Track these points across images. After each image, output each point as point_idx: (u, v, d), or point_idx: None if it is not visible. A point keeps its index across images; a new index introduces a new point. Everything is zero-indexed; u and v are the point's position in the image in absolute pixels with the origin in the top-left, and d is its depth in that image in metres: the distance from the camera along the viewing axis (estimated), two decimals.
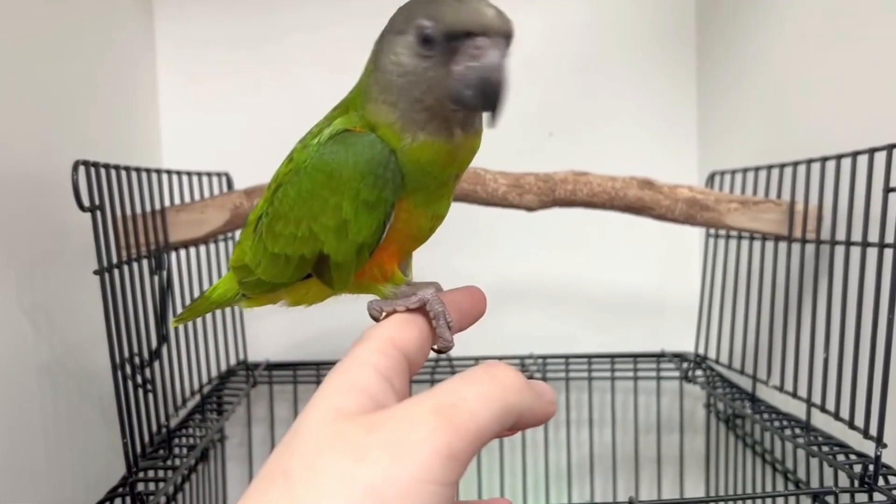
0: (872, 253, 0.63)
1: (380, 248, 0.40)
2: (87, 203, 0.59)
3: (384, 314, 0.38)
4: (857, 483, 0.60)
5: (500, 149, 0.65)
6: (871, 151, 0.64)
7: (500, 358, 1.02)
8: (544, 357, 1.03)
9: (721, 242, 0.92)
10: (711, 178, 0.93)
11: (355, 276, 0.41)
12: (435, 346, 0.39)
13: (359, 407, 0.29)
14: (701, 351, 0.98)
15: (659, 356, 1.03)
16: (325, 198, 0.39)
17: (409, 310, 0.37)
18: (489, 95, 0.36)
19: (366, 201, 0.38)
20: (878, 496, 0.59)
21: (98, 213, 0.60)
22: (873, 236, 0.63)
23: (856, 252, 0.67)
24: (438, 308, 0.37)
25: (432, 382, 0.98)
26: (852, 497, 0.62)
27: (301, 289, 0.45)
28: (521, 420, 0.31)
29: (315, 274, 0.43)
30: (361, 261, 0.40)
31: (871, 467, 0.60)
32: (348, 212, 0.39)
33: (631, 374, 1.03)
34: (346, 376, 0.31)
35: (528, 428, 0.33)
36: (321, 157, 0.39)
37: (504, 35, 0.36)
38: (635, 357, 1.03)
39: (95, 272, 0.60)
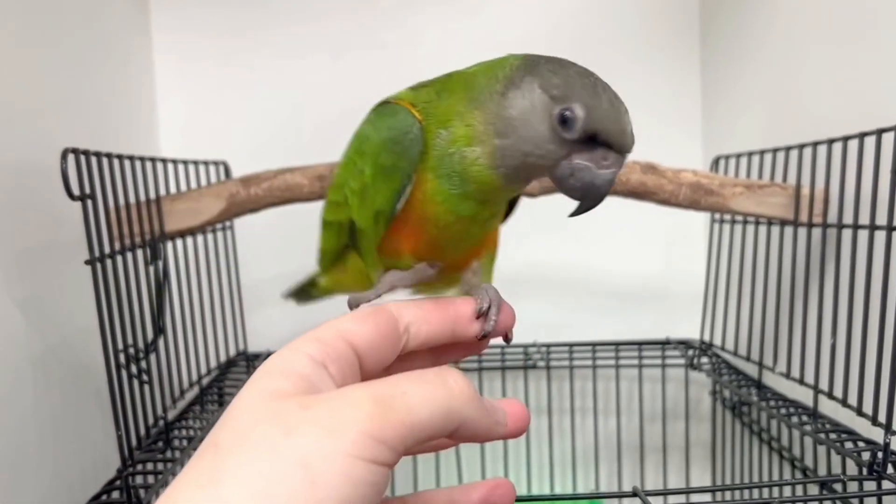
0: (880, 236, 0.62)
1: (396, 221, 0.41)
2: (76, 192, 0.58)
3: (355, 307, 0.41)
4: (865, 471, 0.59)
5: None
6: (879, 132, 0.62)
7: (503, 347, 1.02)
8: (548, 345, 1.02)
9: (726, 227, 0.91)
10: (716, 161, 0.91)
11: (377, 249, 0.44)
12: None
13: (295, 389, 0.29)
14: (706, 338, 0.96)
15: (664, 343, 1.02)
16: (354, 162, 0.43)
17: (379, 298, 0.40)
18: (590, 200, 0.38)
19: (383, 166, 0.40)
20: (886, 484, 0.58)
21: (89, 201, 0.59)
22: (881, 219, 0.62)
23: (863, 235, 0.65)
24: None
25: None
26: (860, 485, 0.61)
27: (340, 266, 0.51)
28: (462, 429, 0.30)
29: (351, 243, 0.47)
30: (379, 229, 0.42)
31: (879, 455, 0.58)
32: (368, 175, 0.41)
33: (636, 361, 1.02)
34: (281, 361, 0.31)
35: (469, 441, 0.33)
36: (361, 127, 0.43)
37: (626, 155, 0.37)
38: (640, 344, 1.02)
39: (87, 262, 0.59)
